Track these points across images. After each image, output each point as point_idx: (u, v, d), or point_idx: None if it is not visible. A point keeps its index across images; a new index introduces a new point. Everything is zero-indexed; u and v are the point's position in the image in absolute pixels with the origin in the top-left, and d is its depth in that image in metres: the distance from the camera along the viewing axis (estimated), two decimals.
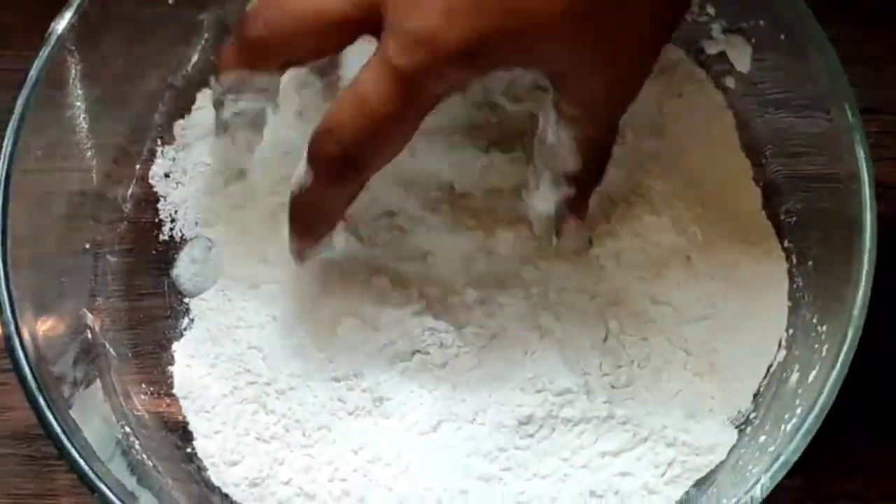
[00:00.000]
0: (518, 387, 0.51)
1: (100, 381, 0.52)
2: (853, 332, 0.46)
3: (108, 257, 0.55)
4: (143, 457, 0.51)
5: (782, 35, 0.52)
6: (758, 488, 0.45)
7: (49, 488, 0.53)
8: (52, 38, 0.50)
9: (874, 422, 0.53)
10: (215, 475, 0.51)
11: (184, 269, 0.55)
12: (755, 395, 0.51)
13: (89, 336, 0.53)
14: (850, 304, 0.46)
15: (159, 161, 0.56)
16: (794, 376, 0.49)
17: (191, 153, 0.56)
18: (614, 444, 0.50)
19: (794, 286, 0.52)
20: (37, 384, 0.47)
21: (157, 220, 0.56)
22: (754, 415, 0.51)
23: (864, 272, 0.47)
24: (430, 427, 0.51)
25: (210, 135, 0.55)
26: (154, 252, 0.55)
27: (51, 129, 0.51)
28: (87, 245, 0.54)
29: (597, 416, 0.50)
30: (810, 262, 0.52)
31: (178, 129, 0.56)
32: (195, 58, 0.57)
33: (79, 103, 0.52)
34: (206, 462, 0.51)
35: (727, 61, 0.55)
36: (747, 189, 0.54)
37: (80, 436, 0.47)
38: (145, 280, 0.55)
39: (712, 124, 0.55)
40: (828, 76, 0.50)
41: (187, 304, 0.54)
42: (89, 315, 0.53)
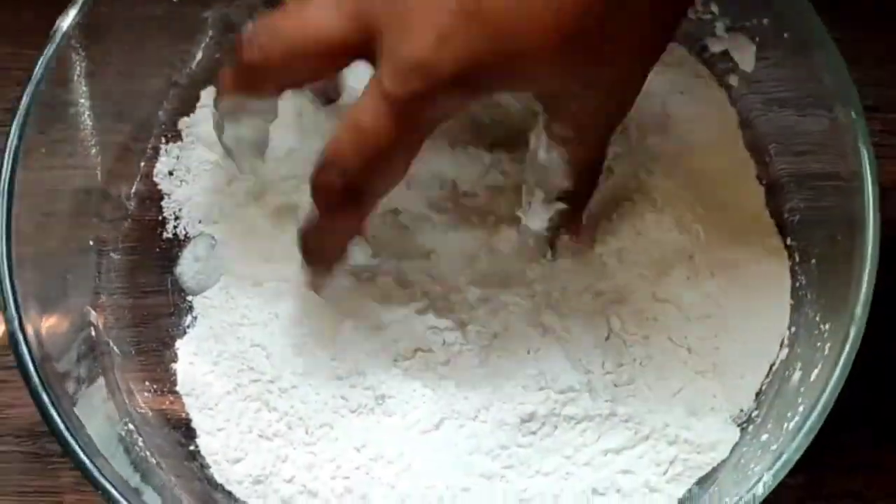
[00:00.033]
0: (520, 384, 0.51)
1: (103, 378, 0.52)
2: (855, 330, 0.46)
3: (111, 255, 0.55)
4: (147, 454, 0.51)
5: (785, 33, 0.52)
6: (760, 486, 0.45)
7: (53, 485, 0.53)
8: (57, 36, 0.50)
9: (876, 421, 0.53)
10: (218, 472, 0.51)
11: (187, 267, 0.55)
12: (757, 394, 0.51)
13: (93, 333, 0.53)
14: (852, 303, 0.46)
15: (163, 159, 0.56)
16: (797, 375, 0.49)
17: (195, 151, 0.56)
18: (616, 442, 0.50)
19: (797, 284, 0.52)
20: (41, 381, 0.47)
21: (160, 217, 0.56)
22: (756, 413, 0.51)
23: (867, 271, 0.47)
24: (432, 425, 0.51)
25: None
26: (158, 250, 0.55)
27: (55, 127, 0.51)
28: (91, 242, 0.54)
29: (599, 413, 0.50)
30: (813, 261, 0.52)
31: (182, 127, 0.57)
32: (199, 55, 0.57)
33: (83, 101, 0.52)
34: (209, 459, 0.52)
35: (730, 59, 0.55)
36: (750, 187, 0.54)
37: (83, 433, 0.47)
38: (149, 277, 0.55)
39: (715, 122, 0.55)
40: (831, 74, 0.49)
41: (191, 301, 0.54)
42: (93, 312, 0.53)
